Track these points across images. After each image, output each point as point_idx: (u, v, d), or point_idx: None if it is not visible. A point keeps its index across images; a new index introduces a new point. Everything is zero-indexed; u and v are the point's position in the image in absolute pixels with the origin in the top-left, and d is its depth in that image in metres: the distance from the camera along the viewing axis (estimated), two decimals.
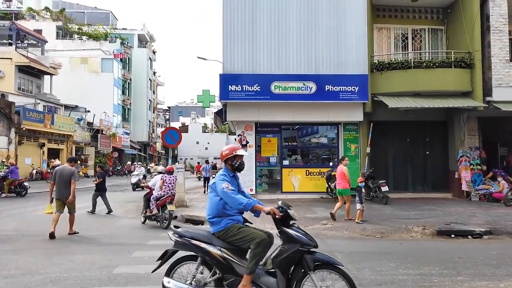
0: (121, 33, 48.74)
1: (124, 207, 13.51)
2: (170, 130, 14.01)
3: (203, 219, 10.48)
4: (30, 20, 41.71)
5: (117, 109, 44.15)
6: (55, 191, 8.35)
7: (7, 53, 30.58)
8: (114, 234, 8.66)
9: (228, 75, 13.86)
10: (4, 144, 24.88)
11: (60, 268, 5.69)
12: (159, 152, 61.78)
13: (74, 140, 33.17)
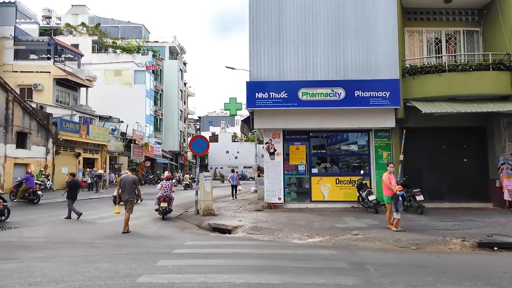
0: (153, 46, 50.10)
1: (153, 215, 13.58)
2: (198, 139, 14.03)
3: (230, 227, 10.35)
4: (68, 36, 43.68)
5: (149, 119, 45.19)
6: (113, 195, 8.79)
7: (46, 67, 32.07)
8: (140, 242, 8.65)
9: (254, 83, 13.77)
10: (42, 154, 25.91)
11: (85, 276, 5.67)
12: (190, 161, 62.56)
13: (108, 149, 34.14)
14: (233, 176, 21.97)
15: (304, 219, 11.46)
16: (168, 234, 9.94)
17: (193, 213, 13.30)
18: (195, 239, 9.13)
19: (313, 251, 7.70)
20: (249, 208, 14.98)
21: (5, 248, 7.83)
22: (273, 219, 11.52)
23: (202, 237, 9.63)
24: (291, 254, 7.44)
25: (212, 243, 8.63)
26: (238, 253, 7.46)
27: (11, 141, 23.14)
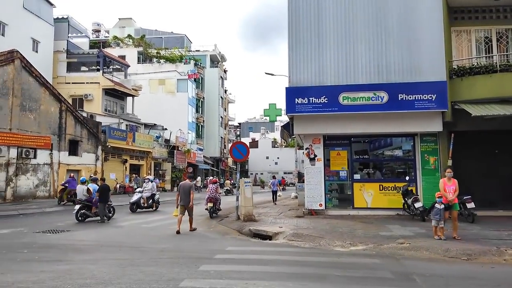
0: (195, 55, 51.49)
1: (195, 220, 13.83)
2: (238, 145, 14.18)
3: (271, 234, 10.32)
4: (115, 48, 45.91)
5: (191, 126, 46.34)
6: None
7: (95, 78, 33.88)
8: (183, 246, 8.83)
9: (294, 88, 13.72)
10: (92, 161, 27.29)
11: (131, 279, 5.87)
12: (231, 167, 63.31)
13: (153, 156, 35.35)
14: (273, 182, 23.00)
15: (346, 226, 11.21)
16: (209, 239, 10.07)
17: (234, 219, 13.41)
18: (236, 245, 9.19)
19: (356, 260, 7.50)
20: (289, 214, 14.88)
21: (58, 250, 8.29)
22: (314, 226, 11.36)
23: (243, 242, 9.67)
24: (333, 262, 7.29)
25: (253, 249, 8.64)
26: (279, 260, 7.42)
27: (64, 148, 24.57)
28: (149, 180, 17.61)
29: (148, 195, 17.03)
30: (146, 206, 16.81)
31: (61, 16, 36.64)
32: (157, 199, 17.41)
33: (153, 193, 17.35)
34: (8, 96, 20.56)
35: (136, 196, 16.78)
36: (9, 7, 27.95)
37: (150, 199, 17.04)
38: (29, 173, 21.88)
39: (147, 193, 17.04)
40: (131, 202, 16.56)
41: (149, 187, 17.27)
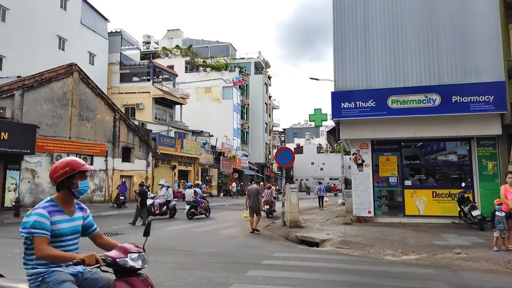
0: (239, 62, 52.32)
1: (241, 225, 13.98)
2: (283, 150, 14.16)
3: (318, 240, 10.18)
4: (164, 58, 47.80)
5: (236, 132, 46.99)
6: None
7: (146, 88, 35.43)
8: (230, 251, 8.93)
9: (340, 92, 13.50)
10: (143, 167, 28.46)
11: (181, 282, 6.03)
12: (276, 173, 63.29)
13: (200, 162, 36.23)
14: (320, 188, 23.41)
15: (397, 234, 10.79)
16: (257, 244, 10.12)
17: (280, 225, 13.37)
18: (282, 251, 9.15)
19: (408, 269, 7.19)
20: (336, 221, 14.59)
21: None
22: (363, 233, 11.05)
23: (290, 249, 9.61)
24: (384, 271, 7.04)
25: (299, 256, 8.56)
26: (327, 268, 7.28)
27: (118, 155, 25.85)
28: (163, 186, 16.97)
29: (162, 202, 16.29)
30: (159, 213, 16.02)
31: (115, 30, 38.80)
32: (173, 205, 16.67)
33: (168, 200, 16.58)
34: (68, 106, 22.03)
35: (147, 202, 15.63)
36: (68, 24, 30.04)
37: (164, 206, 16.29)
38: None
39: (160, 200, 16.34)
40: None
41: (162, 193, 16.57)
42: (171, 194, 16.88)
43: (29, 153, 18.91)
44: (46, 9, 27.82)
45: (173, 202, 16.80)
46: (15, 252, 8.56)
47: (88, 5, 32.85)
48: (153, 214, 15.76)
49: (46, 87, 20.78)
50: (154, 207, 15.92)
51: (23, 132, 18.48)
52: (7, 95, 18.64)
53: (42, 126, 20.21)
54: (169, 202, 16.57)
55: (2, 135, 17.13)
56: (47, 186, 20.64)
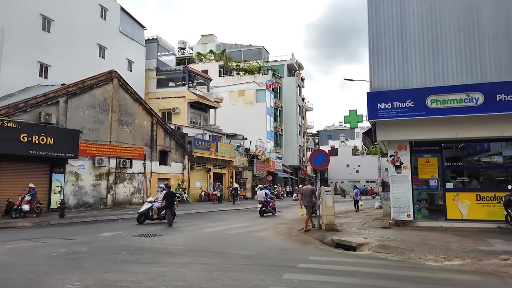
0: (272, 65, 52.41)
1: (276, 228, 13.95)
2: (318, 153, 14.01)
3: (355, 244, 9.98)
4: (199, 63, 48.73)
5: (270, 135, 47.04)
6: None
7: (182, 92, 36.26)
8: (265, 254, 8.93)
9: (376, 93, 13.18)
10: (179, 170, 29.09)
11: (218, 284, 6.10)
12: (310, 175, 62.72)
13: (234, 165, 36.55)
14: (356, 192, 23.62)
15: (438, 239, 10.38)
16: (292, 247, 10.06)
17: (315, 228, 13.23)
18: (318, 255, 9.04)
19: (451, 276, 6.89)
20: (374, 224, 14.24)
21: (152, 253, 8.94)
22: (402, 237, 10.72)
23: (326, 252, 9.48)
24: (425, 277, 6.79)
25: (336, 260, 8.42)
26: (365, 272, 7.12)
27: (155, 158, 26.58)
28: (163, 189, 16.03)
29: (160, 206, 15.25)
30: (156, 217, 15.12)
31: (151, 37, 40.02)
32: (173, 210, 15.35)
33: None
34: (108, 112, 22.93)
35: (145, 206, 15.16)
36: (108, 33, 31.32)
37: (163, 210, 15.16)
38: (126, 181, 24.04)
39: (158, 204, 15.29)
40: (139, 213, 14.99)
41: (162, 196, 15.40)
42: None
43: (73, 157, 19.83)
44: (88, 19, 29.14)
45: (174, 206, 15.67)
46: (61, 251, 8.99)
47: (126, 14, 34.08)
48: (150, 218, 15.07)
49: (88, 94, 21.75)
50: (152, 211, 15.13)
51: (67, 137, 19.41)
52: (53, 102, 19.68)
53: (85, 131, 21.15)
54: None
55: (48, 140, 18.08)
56: (89, 189, 21.56)
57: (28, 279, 6.36)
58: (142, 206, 15.51)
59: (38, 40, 24.98)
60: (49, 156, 18.36)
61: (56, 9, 26.29)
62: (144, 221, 14.85)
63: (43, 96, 19.29)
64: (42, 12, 25.18)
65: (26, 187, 16.64)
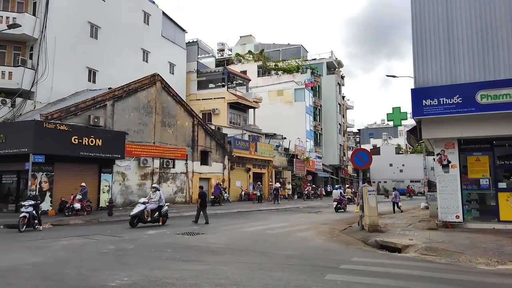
0: (311, 64, 51.89)
1: (317, 228, 13.81)
2: (360, 152, 13.71)
3: (400, 246, 9.67)
4: (237, 64, 49.22)
5: (309, 134, 46.62)
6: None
7: (221, 93, 36.80)
8: (307, 254, 8.86)
9: (421, 89, 12.68)
10: (220, 169, 29.55)
11: (260, 283, 6.13)
12: (351, 175, 61.48)
13: (273, 164, 36.58)
14: (396, 194, 22.98)
15: (490, 241, 9.82)
16: (334, 248, 9.91)
17: (358, 229, 12.95)
18: (361, 256, 8.85)
19: (506, 281, 6.50)
20: (420, 226, 13.71)
21: (195, 251, 9.16)
22: (450, 239, 10.24)
23: (369, 254, 9.26)
24: (476, 281, 6.45)
25: (380, 261, 8.20)
26: (411, 275, 6.88)
27: (197, 158, 27.17)
28: (156, 189, 15.15)
29: (154, 207, 14.38)
30: (150, 220, 14.20)
31: (192, 40, 40.95)
32: (165, 211, 14.85)
33: (160, 205, 14.65)
34: (152, 114, 23.73)
35: (138, 208, 14.06)
36: (151, 38, 32.41)
37: (156, 212, 14.42)
38: (169, 181, 24.76)
39: (152, 205, 14.36)
40: (131, 215, 13.95)
41: (156, 197, 14.65)
42: (163, 199, 14.98)
43: (120, 157, 20.70)
44: (132, 25, 30.31)
45: (165, 208, 14.95)
46: (109, 248, 9.42)
47: (168, 18, 35.09)
48: (143, 221, 14.05)
49: (133, 97, 22.63)
50: (145, 213, 14.10)
51: (114, 139, 20.30)
52: (100, 106, 20.66)
53: (130, 133, 22.02)
54: (161, 207, 14.67)
55: (96, 142, 19.00)
56: (135, 188, 22.42)
57: (81, 274, 6.72)
58: (135, 208, 14.28)
59: (87, 47, 26.30)
60: (98, 157, 19.29)
61: (103, 16, 27.57)
62: (137, 224, 13.88)
63: (92, 100, 20.30)
64: (90, 20, 26.50)
65: (77, 187, 17.60)
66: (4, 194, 19.29)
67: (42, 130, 16.97)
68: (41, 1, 23.17)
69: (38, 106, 22.47)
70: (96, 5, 27.06)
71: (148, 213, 14.16)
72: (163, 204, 14.80)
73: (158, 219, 14.49)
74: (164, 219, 14.77)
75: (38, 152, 16.90)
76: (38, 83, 22.48)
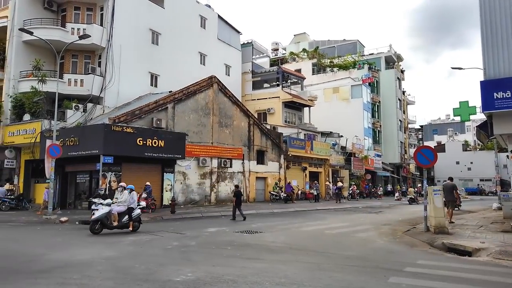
0: (369, 59, 50.22)
1: (379, 229, 13.36)
2: (423, 149, 13.01)
3: (470, 249, 9.06)
4: (292, 62, 49.00)
5: (367, 132, 45.19)
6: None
7: (276, 93, 36.89)
8: (368, 255, 8.61)
9: (491, 81, 11.75)
10: (276, 169, 29.66)
11: (321, 283, 6.08)
12: (413, 173, 58.64)
13: (330, 163, 35.97)
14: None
15: None
16: (397, 250, 9.53)
17: (422, 230, 12.31)
18: (427, 259, 8.41)
19: None
20: (492, 228, 12.74)
21: (254, 249, 9.29)
22: None
23: (436, 257, 8.77)
24: None
25: (448, 265, 7.74)
26: (483, 280, 6.43)
27: (253, 158, 27.51)
28: (124, 188, 12.74)
29: (121, 210, 12.12)
30: (117, 226, 11.84)
31: (246, 41, 41.49)
32: (136, 215, 12.37)
33: (131, 208, 12.25)
34: (209, 115, 24.43)
35: (101, 211, 11.71)
36: (208, 41, 33.36)
37: (125, 216, 12.12)
38: (227, 180, 25.34)
39: (120, 207, 12.13)
40: (92, 220, 11.63)
41: (123, 198, 12.39)
42: (134, 200, 12.55)
43: (180, 157, 21.58)
44: (190, 30, 31.40)
45: (137, 211, 12.44)
46: (174, 244, 9.86)
47: (223, 21, 35.88)
48: (109, 227, 11.83)
49: (192, 99, 23.47)
50: (111, 217, 11.93)
51: (175, 140, 21.21)
52: (162, 108, 21.69)
53: (190, 134, 22.86)
54: (131, 210, 12.29)
55: (159, 143, 19.97)
56: (195, 187, 23.25)
57: (148, 268, 7.11)
58: (97, 211, 11.75)
59: (149, 53, 27.69)
60: (160, 157, 20.27)
61: (163, 23, 28.85)
62: (100, 230, 11.66)
63: (154, 103, 21.37)
64: (151, 27, 27.87)
65: (143, 186, 18.63)
66: (79, 192, 20.98)
67: (110, 133, 18.18)
68: (107, 12, 24.80)
69: (106, 110, 24.08)
70: (157, 13, 28.39)
71: (114, 217, 11.95)
72: (135, 207, 12.37)
73: (128, 224, 12.13)
74: (135, 225, 12.32)
75: (107, 153, 18.14)
76: (106, 88, 24.07)
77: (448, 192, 14.22)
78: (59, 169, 19.75)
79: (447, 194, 14.06)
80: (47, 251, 8.86)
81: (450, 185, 14.63)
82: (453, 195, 14.43)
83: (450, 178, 15.59)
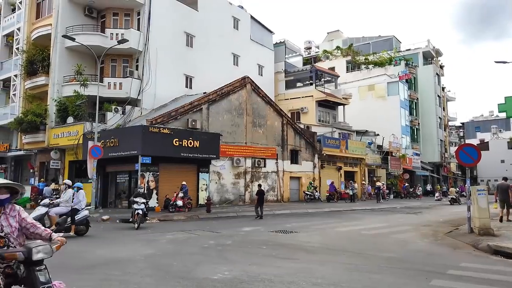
0: (405, 55, 48.72)
1: (419, 230, 12.92)
2: (466, 147, 12.45)
3: None
4: (325, 61, 48.38)
5: (405, 130, 43.86)
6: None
7: (309, 92, 36.60)
8: (408, 257, 8.34)
9: None
10: (310, 168, 29.41)
11: (359, 284, 5.96)
12: (454, 173, 56.29)
13: (366, 163, 35.21)
14: None
15: None
16: (439, 251, 9.17)
17: (465, 232, 11.78)
18: (471, 261, 8.05)
19: None
20: None
21: (289, 249, 9.24)
22: None
23: (480, 259, 8.37)
24: None
25: (495, 268, 7.36)
26: None
27: (287, 157, 27.41)
28: (68, 187, 11.29)
29: (62, 212, 10.73)
30: (58, 229, 9.94)
31: (279, 41, 41.41)
32: (83, 217, 10.94)
33: (75, 209, 10.79)
34: (243, 115, 24.59)
35: (37, 212, 10.68)
36: (241, 42, 33.59)
37: (67, 218, 10.73)
38: (261, 179, 25.39)
39: (61, 209, 10.78)
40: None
41: (66, 197, 10.94)
42: (80, 200, 11.07)
43: (215, 158, 21.88)
44: (223, 31, 31.75)
45: (85, 212, 11.04)
46: (210, 243, 9.99)
47: (256, 22, 36.00)
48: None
49: (225, 100, 23.72)
50: (48, 219, 10.84)
51: (209, 140, 21.52)
52: (197, 109, 22.07)
53: (224, 134, 23.11)
54: (76, 212, 10.85)
55: (194, 144, 20.33)
56: (230, 187, 23.48)
57: (186, 266, 7.25)
58: (34, 212, 10.72)
59: (184, 55, 28.24)
60: (196, 157, 20.64)
61: (197, 25, 29.35)
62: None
63: (189, 105, 21.78)
64: (185, 30, 28.41)
65: (179, 185, 19.04)
66: (119, 192, 21.74)
67: (148, 134, 18.72)
68: (144, 17, 25.54)
69: (144, 112, 24.79)
70: (191, 16, 28.91)
71: (53, 219, 10.76)
72: (80, 208, 10.96)
73: (70, 227, 10.74)
74: (80, 228, 10.98)
75: (145, 154, 18.69)
76: (144, 91, 24.79)
77: (503, 192, 14.01)
78: (100, 169, 20.58)
79: (501, 194, 13.95)
80: (89, 248, 9.24)
81: (505, 185, 14.30)
82: (508, 194, 14.06)
83: (504, 178, 15.13)
